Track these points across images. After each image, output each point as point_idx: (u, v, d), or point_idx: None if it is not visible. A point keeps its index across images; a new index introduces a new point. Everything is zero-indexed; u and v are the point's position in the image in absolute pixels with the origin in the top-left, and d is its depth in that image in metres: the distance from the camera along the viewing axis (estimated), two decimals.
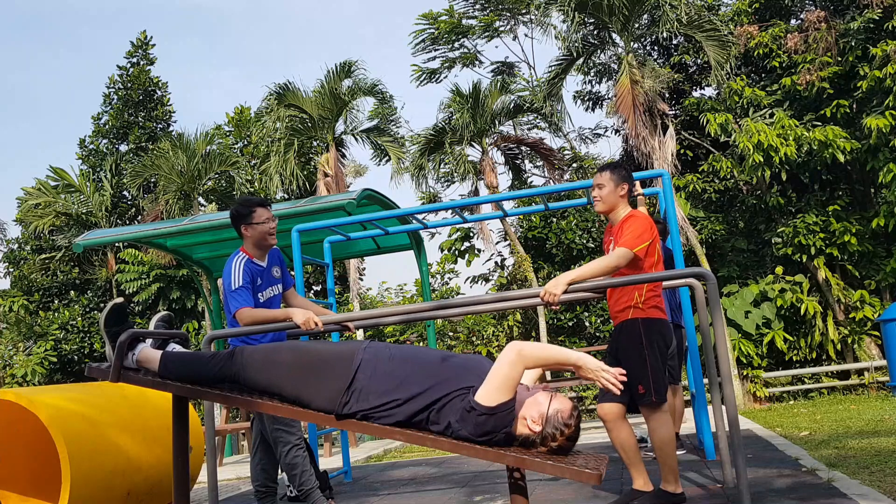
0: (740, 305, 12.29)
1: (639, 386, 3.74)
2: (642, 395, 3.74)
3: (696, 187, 13.32)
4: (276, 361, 2.69)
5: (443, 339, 14.89)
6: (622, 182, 3.95)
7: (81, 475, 4.29)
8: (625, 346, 3.82)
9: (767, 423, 7.83)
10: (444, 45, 16.42)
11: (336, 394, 2.59)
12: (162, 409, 5.14)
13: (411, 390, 2.52)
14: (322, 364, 2.65)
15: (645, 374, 3.74)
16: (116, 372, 2.73)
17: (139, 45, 19.49)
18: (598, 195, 3.99)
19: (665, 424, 3.78)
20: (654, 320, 3.80)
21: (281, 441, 4.12)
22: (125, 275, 16.21)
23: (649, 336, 3.77)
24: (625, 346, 3.82)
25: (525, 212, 7.90)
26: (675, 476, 3.77)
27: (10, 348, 16.59)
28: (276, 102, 15.88)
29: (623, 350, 3.83)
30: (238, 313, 3.97)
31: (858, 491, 3.65)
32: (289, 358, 2.69)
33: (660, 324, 3.83)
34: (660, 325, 3.83)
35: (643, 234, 3.75)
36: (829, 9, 13.00)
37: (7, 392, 4.51)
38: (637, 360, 3.75)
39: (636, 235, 3.74)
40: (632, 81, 12.23)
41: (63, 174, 18.49)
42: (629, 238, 3.73)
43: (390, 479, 6.08)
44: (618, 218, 3.95)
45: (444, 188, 16.95)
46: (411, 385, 2.53)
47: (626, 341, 3.82)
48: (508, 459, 2.41)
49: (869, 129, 11.25)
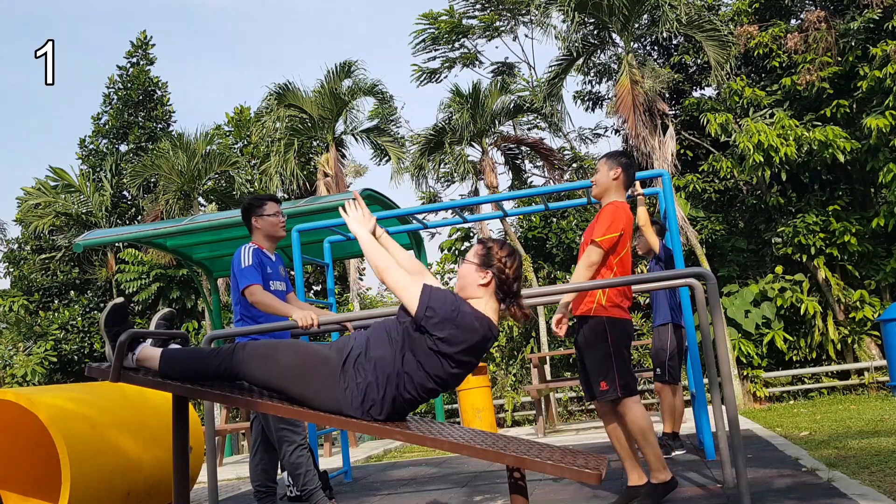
0: (740, 305, 12.29)
1: (601, 382, 3.73)
2: (604, 392, 3.73)
3: (696, 187, 13.32)
4: (277, 360, 2.70)
5: None
6: (615, 166, 3.95)
7: (82, 475, 4.29)
8: (588, 342, 3.81)
9: (767, 423, 7.83)
10: (445, 45, 16.42)
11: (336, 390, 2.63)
12: (162, 410, 5.14)
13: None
14: (321, 362, 2.67)
15: (609, 371, 3.72)
16: (116, 372, 2.73)
17: (139, 45, 19.49)
18: (594, 179, 4.04)
19: (639, 413, 3.74)
20: (617, 320, 3.79)
21: (286, 440, 4.12)
22: (125, 275, 16.21)
23: (613, 334, 3.76)
24: (588, 342, 3.81)
25: (525, 212, 7.91)
26: (662, 462, 3.76)
27: (10, 348, 16.58)
28: (276, 102, 15.88)
29: (586, 345, 3.82)
30: (248, 288, 4.03)
31: (858, 491, 3.65)
32: (289, 359, 2.69)
33: (623, 323, 3.82)
34: (623, 324, 3.82)
35: (611, 226, 3.77)
36: (829, 9, 13.00)
37: (7, 392, 4.51)
38: (601, 357, 3.75)
39: (605, 227, 3.77)
40: (632, 81, 12.23)
41: (63, 174, 18.49)
42: (598, 231, 3.78)
43: (390, 479, 6.08)
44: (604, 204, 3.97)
45: (444, 188, 16.97)
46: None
47: (590, 337, 3.80)
48: (508, 459, 2.42)
49: (869, 129, 11.25)
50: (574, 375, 12.95)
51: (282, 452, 4.15)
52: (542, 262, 14.40)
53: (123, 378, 2.76)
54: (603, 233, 3.76)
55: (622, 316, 3.82)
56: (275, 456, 4.33)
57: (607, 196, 3.98)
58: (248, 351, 2.73)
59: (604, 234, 3.75)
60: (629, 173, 3.98)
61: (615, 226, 3.77)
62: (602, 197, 4.02)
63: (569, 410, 12.54)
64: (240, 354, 2.73)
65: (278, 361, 2.69)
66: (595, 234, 3.78)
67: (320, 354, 2.70)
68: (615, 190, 3.96)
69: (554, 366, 13.56)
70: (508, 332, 13.46)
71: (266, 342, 2.79)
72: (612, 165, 3.96)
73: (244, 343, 2.80)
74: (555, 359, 13.54)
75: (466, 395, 9.74)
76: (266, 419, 4.22)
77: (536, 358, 9.53)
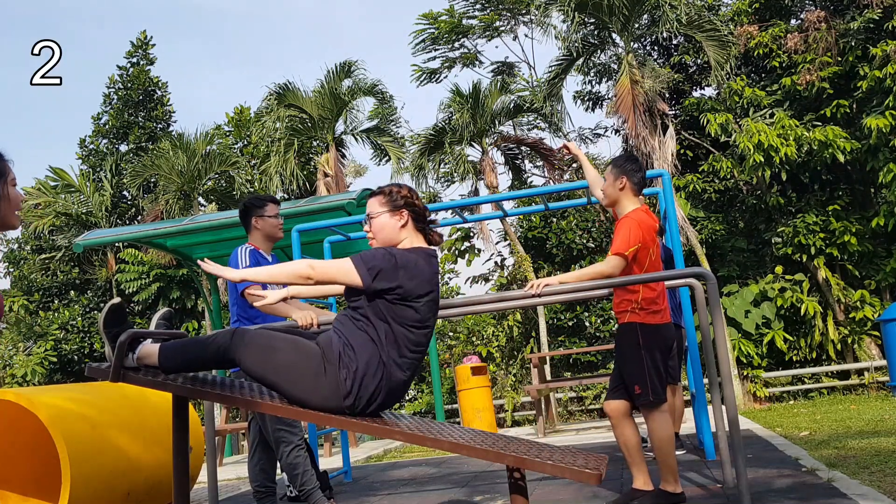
0: (740, 305, 12.28)
1: (635, 386, 3.77)
2: (639, 395, 3.77)
3: (696, 187, 13.32)
4: (275, 356, 2.69)
5: (443, 339, 14.89)
6: (620, 175, 3.89)
7: (81, 475, 4.29)
8: (623, 348, 3.85)
9: (767, 423, 7.83)
10: (445, 45, 16.41)
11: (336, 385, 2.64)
12: (162, 410, 5.14)
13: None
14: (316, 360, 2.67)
15: (642, 375, 3.75)
16: (116, 372, 2.73)
17: (139, 45, 19.47)
18: (603, 189, 4.00)
19: (664, 424, 3.79)
20: (651, 325, 3.78)
21: (283, 441, 4.12)
22: (125, 275, 16.21)
23: (647, 339, 3.77)
24: (623, 348, 3.85)
25: (525, 212, 7.91)
26: (675, 476, 3.78)
27: (10, 348, 16.58)
28: (276, 102, 15.88)
29: (621, 351, 3.86)
30: (248, 290, 4.00)
31: (858, 491, 3.65)
32: (286, 357, 2.69)
33: (659, 328, 3.81)
34: (659, 329, 3.81)
35: (630, 238, 3.72)
36: (829, 9, 13.00)
37: (7, 392, 4.50)
38: (634, 361, 3.77)
39: (624, 239, 3.73)
40: (632, 81, 12.23)
41: (63, 174, 18.48)
42: (618, 243, 3.74)
43: (390, 479, 6.08)
44: (620, 215, 3.93)
45: (444, 188, 16.96)
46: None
47: (624, 343, 3.84)
48: (508, 459, 2.42)
49: (869, 129, 11.25)
50: (574, 375, 12.95)
51: (279, 453, 4.14)
52: (542, 262, 14.40)
53: (123, 378, 2.76)
54: (618, 246, 3.71)
55: (655, 321, 3.79)
56: (273, 455, 4.33)
57: (619, 206, 3.92)
58: (247, 340, 2.72)
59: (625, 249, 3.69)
60: (635, 178, 3.90)
61: (635, 238, 3.73)
62: (614, 206, 3.97)
63: (569, 410, 12.54)
64: (238, 340, 2.72)
65: (276, 358, 2.68)
66: (614, 248, 3.73)
67: (313, 351, 2.70)
68: (625, 198, 3.91)
69: (554, 366, 13.56)
70: (508, 332, 13.46)
71: (265, 333, 2.76)
72: (616, 175, 3.90)
73: (244, 329, 2.78)
74: (555, 359, 13.54)
75: (466, 395, 9.74)
76: (263, 419, 4.21)
77: (536, 358, 9.53)
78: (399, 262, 2.69)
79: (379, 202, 2.89)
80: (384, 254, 2.71)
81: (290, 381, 2.66)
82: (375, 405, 2.69)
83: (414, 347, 2.73)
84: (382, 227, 2.87)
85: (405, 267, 2.68)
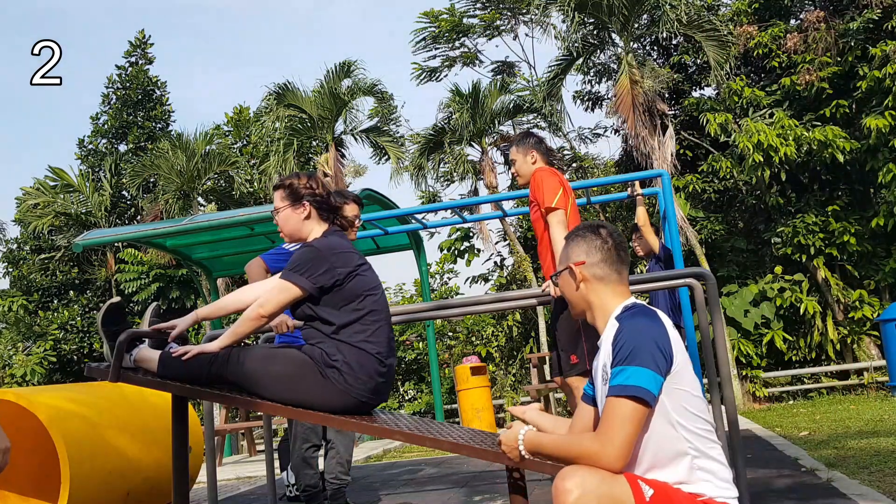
0: (740, 305, 12.29)
1: (571, 356, 3.71)
2: (574, 365, 3.69)
3: (695, 187, 13.31)
4: (273, 361, 2.69)
5: (442, 339, 14.90)
6: (528, 150, 3.96)
7: (81, 475, 4.28)
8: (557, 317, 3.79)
9: (767, 423, 7.84)
10: (445, 44, 16.39)
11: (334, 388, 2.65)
12: (161, 410, 5.13)
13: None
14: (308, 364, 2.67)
15: (579, 344, 3.69)
16: (115, 372, 2.72)
17: (138, 45, 19.46)
18: (515, 170, 4.04)
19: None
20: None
21: (303, 438, 4.26)
22: (125, 275, 16.21)
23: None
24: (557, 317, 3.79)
25: (525, 212, 7.92)
26: None
27: (10, 348, 16.58)
28: (275, 102, 15.88)
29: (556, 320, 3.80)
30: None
31: (858, 491, 3.65)
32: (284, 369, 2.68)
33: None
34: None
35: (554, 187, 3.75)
36: (829, 9, 13.00)
37: (7, 392, 4.50)
38: (570, 331, 3.72)
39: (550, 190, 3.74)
40: (631, 81, 12.23)
41: (62, 174, 18.47)
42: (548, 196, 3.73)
43: (390, 479, 6.08)
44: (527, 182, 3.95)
45: (443, 188, 16.95)
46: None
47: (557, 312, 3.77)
48: (508, 459, 2.41)
49: (868, 129, 11.25)
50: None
51: (295, 448, 4.26)
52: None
53: (123, 378, 2.75)
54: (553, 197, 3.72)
55: None
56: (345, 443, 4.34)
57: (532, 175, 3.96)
58: (246, 359, 2.72)
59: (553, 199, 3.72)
60: (541, 148, 3.99)
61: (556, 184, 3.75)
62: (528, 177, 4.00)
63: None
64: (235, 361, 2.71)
65: (274, 370, 2.68)
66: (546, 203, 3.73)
67: (305, 359, 2.70)
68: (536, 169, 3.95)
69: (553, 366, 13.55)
70: (508, 332, 13.46)
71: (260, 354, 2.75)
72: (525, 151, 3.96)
73: (239, 350, 2.77)
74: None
75: (466, 395, 9.74)
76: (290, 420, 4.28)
77: (536, 358, 9.53)
78: (323, 255, 2.70)
79: (280, 196, 2.90)
80: (302, 253, 2.73)
81: (291, 390, 2.67)
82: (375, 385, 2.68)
83: (374, 319, 2.72)
84: (286, 220, 2.88)
85: (327, 257, 2.70)
